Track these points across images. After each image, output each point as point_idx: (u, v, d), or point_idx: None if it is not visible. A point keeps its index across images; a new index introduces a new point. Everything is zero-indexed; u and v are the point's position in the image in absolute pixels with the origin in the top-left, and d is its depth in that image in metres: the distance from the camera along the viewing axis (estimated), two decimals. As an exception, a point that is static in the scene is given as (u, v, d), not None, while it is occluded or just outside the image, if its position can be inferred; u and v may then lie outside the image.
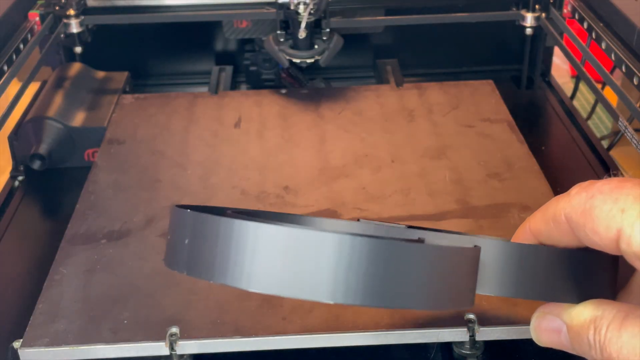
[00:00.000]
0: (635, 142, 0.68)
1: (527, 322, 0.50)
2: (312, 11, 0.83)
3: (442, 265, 0.30)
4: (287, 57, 0.86)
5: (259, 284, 0.28)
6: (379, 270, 0.28)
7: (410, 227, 0.40)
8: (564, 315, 0.34)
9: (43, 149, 0.77)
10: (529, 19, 0.91)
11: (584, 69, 0.80)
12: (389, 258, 0.28)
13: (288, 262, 0.28)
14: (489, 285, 0.33)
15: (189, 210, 0.32)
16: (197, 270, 0.30)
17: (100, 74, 0.91)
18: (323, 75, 0.98)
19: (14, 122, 0.79)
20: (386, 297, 0.28)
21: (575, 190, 0.33)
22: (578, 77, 1.01)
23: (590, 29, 0.80)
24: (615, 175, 0.34)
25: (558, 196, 0.34)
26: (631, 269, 0.35)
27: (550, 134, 0.88)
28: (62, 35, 0.88)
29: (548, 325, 0.35)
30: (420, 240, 0.34)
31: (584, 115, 0.97)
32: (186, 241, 0.31)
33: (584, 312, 0.33)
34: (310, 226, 0.38)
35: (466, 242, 0.33)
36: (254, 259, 0.28)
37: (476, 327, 0.51)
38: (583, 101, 1.55)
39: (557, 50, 0.98)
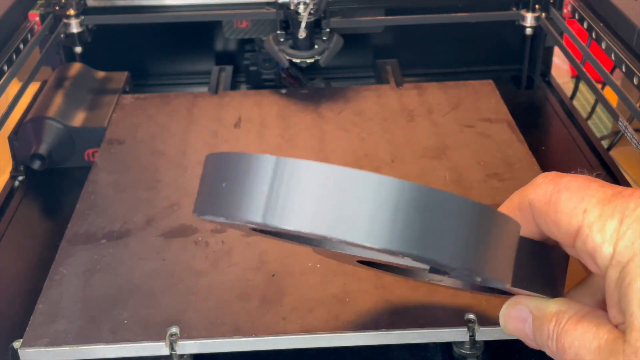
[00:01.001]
0: (635, 142, 0.68)
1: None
2: (312, 11, 0.83)
3: (487, 226, 0.29)
4: (287, 57, 0.86)
5: (306, 223, 0.27)
6: (426, 217, 0.27)
7: None
8: (532, 306, 0.36)
9: (43, 149, 0.77)
10: (529, 19, 0.91)
11: (584, 69, 0.80)
12: (436, 207, 0.27)
13: (338, 201, 0.27)
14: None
15: (231, 152, 0.30)
16: (238, 212, 0.28)
17: (100, 74, 0.91)
18: (323, 75, 0.98)
19: (14, 122, 0.79)
20: (428, 246, 0.27)
21: (541, 179, 0.35)
22: (578, 77, 1.01)
23: (590, 29, 0.80)
24: (581, 172, 0.36)
25: (523, 187, 0.36)
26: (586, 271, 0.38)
27: (550, 134, 0.88)
28: (62, 35, 0.88)
29: (517, 313, 0.36)
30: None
31: (584, 115, 0.98)
32: (224, 184, 0.29)
33: (551, 306, 0.35)
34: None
35: None
36: (304, 197, 0.27)
37: (476, 327, 0.51)
38: (583, 101, 1.55)
39: (557, 50, 0.98)
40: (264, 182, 0.28)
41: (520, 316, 0.36)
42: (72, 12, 0.88)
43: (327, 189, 0.27)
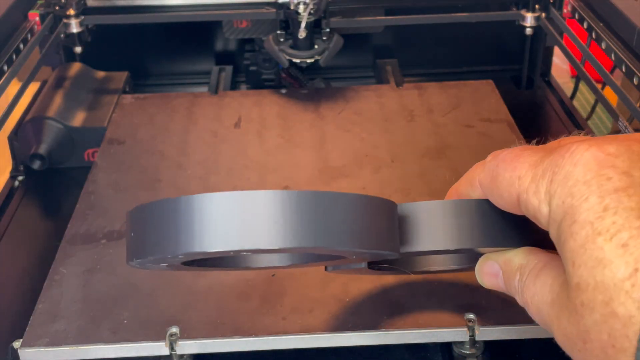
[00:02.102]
0: (635, 142, 0.68)
1: (527, 322, 0.51)
2: (312, 11, 0.83)
3: (361, 210, 0.34)
4: (287, 57, 0.86)
5: (216, 244, 0.32)
6: (308, 216, 0.32)
7: None
8: (500, 260, 0.37)
9: (43, 149, 0.77)
10: (529, 19, 0.91)
11: (584, 69, 0.80)
12: (316, 205, 0.33)
13: (239, 220, 0.32)
14: (434, 239, 0.36)
15: (136, 206, 0.35)
16: (160, 249, 0.33)
17: (100, 74, 0.91)
18: (323, 75, 0.98)
19: (14, 122, 0.79)
20: (319, 238, 0.32)
21: (489, 157, 0.36)
22: (578, 77, 1.01)
23: (590, 29, 0.80)
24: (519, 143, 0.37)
25: (478, 162, 0.37)
26: None
27: (550, 134, 0.88)
28: (62, 35, 0.88)
29: (488, 269, 0.37)
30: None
31: (584, 115, 0.97)
32: (145, 230, 0.34)
33: (514, 259, 0.36)
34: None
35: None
36: (212, 224, 0.32)
37: (476, 327, 0.51)
38: (583, 101, 1.55)
39: (557, 50, 0.97)
40: (176, 220, 0.33)
41: (492, 271, 0.37)
42: (72, 12, 0.88)
43: (228, 213, 0.32)
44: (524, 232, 0.36)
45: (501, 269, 0.36)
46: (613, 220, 0.28)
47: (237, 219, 0.32)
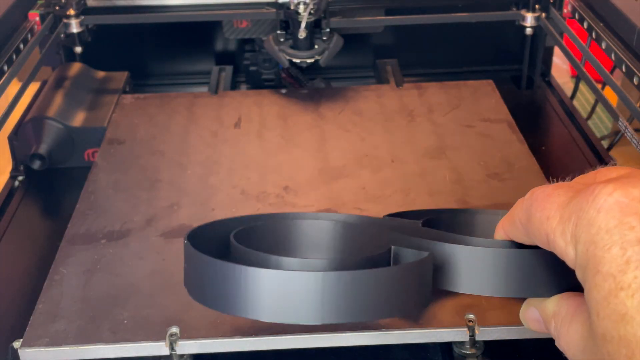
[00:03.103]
0: (635, 142, 0.68)
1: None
2: (312, 11, 0.83)
3: (401, 280, 0.36)
4: (287, 57, 0.86)
5: (263, 315, 0.36)
6: (350, 294, 0.35)
7: (426, 221, 0.43)
8: (538, 307, 0.37)
9: (43, 149, 0.77)
10: (529, 19, 0.91)
11: (584, 69, 0.80)
12: (357, 284, 0.35)
13: (281, 295, 0.35)
14: (471, 285, 0.37)
15: (197, 253, 0.38)
16: (212, 303, 0.38)
17: (100, 74, 0.91)
18: (323, 75, 0.98)
19: (14, 122, 0.79)
20: (359, 313, 0.35)
21: (528, 194, 0.36)
22: (578, 77, 1.01)
23: (590, 29, 0.80)
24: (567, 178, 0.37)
25: (520, 199, 0.37)
26: None
27: (550, 134, 0.88)
28: (62, 35, 0.88)
29: (530, 315, 0.38)
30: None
31: (584, 115, 0.97)
32: (199, 275, 0.38)
33: (548, 307, 0.36)
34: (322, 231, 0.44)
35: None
36: (254, 295, 0.36)
37: (476, 327, 0.51)
38: (583, 101, 1.55)
39: (557, 50, 0.98)
40: (238, 287, 0.36)
41: (534, 317, 0.37)
42: (72, 12, 0.88)
43: (280, 288, 0.35)
44: (559, 279, 0.37)
45: (540, 315, 0.37)
46: (635, 275, 0.28)
47: (284, 296, 0.35)
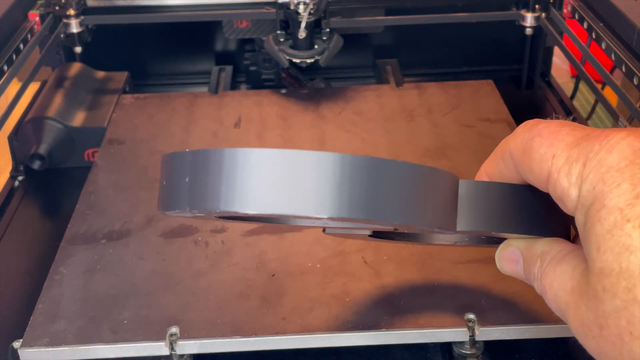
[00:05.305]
0: (635, 142, 0.68)
1: (527, 322, 0.51)
2: (312, 11, 0.83)
3: (424, 182, 0.32)
4: (287, 57, 0.86)
5: (262, 206, 0.30)
6: (364, 184, 0.30)
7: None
8: (522, 247, 0.37)
9: (43, 149, 0.77)
10: (529, 19, 0.91)
11: (584, 69, 0.80)
12: (374, 173, 0.30)
13: (288, 181, 0.30)
14: (468, 222, 0.35)
15: (187, 150, 0.32)
16: (201, 201, 0.31)
17: (100, 74, 0.91)
18: (323, 75, 0.98)
19: (14, 122, 0.79)
20: (372, 209, 0.30)
21: (520, 128, 0.36)
22: (578, 77, 1.01)
23: (590, 29, 0.80)
24: (557, 117, 0.36)
25: (508, 136, 0.37)
26: None
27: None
28: (62, 35, 0.88)
29: (509, 255, 0.37)
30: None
31: (584, 115, 0.97)
32: (187, 179, 0.32)
33: (536, 246, 0.36)
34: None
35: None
36: (259, 182, 0.30)
37: (476, 327, 0.51)
38: (583, 101, 1.55)
39: (557, 50, 0.97)
40: (221, 174, 0.30)
41: (512, 257, 0.37)
42: (72, 12, 0.88)
43: (277, 172, 0.30)
44: (554, 221, 0.36)
45: (522, 255, 0.36)
46: None
47: (285, 180, 0.29)
